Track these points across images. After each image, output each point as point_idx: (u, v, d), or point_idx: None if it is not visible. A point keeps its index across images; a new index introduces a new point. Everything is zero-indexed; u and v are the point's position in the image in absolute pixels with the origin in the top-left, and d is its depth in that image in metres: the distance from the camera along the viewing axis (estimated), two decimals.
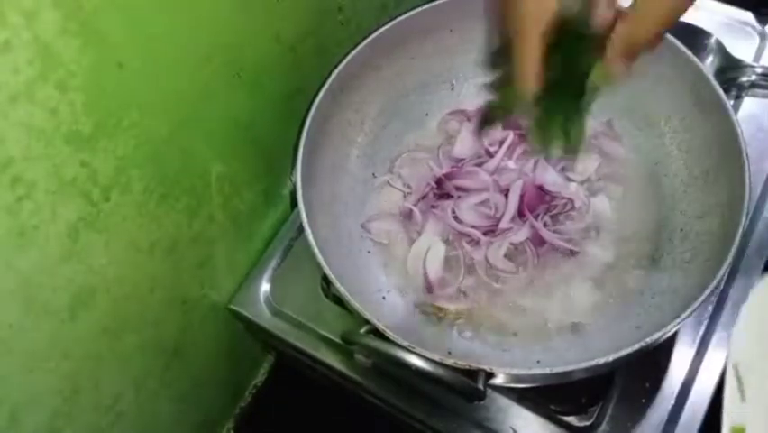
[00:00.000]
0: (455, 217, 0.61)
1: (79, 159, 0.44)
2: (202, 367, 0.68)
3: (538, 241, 0.60)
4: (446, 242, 0.62)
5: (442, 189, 0.64)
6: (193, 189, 0.56)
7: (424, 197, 0.64)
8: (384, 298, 0.59)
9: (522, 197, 0.61)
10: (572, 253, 0.60)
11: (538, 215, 0.61)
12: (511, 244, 0.60)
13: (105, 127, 0.45)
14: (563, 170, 0.63)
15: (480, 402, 0.57)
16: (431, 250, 0.61)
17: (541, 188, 0.61)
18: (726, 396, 0.33)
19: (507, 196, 0.61)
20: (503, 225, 0.60)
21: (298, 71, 0.63)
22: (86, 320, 0.49)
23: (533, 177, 0.62)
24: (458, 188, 0.63)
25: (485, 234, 0.61)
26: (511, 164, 0.64)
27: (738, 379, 0.35)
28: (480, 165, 0.64)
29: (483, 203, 0.62)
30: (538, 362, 0.54)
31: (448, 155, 0.66)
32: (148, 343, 0.58)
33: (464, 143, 0.66)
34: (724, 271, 0.48)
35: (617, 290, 0.59)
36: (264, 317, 0.65)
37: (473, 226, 0.61)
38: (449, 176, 0.63)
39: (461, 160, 0.65)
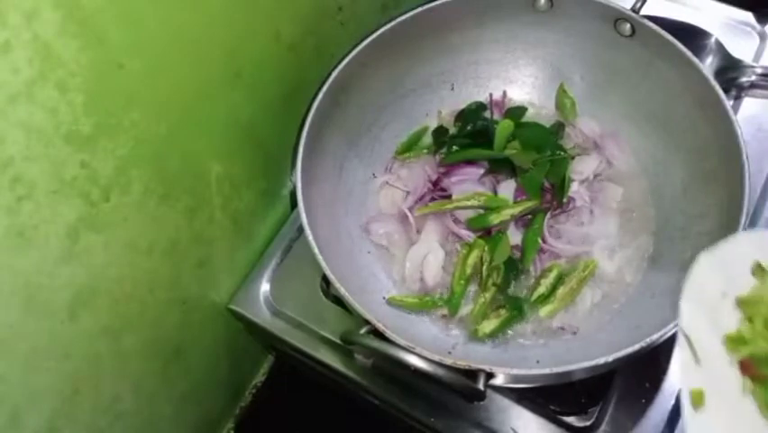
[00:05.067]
0: (454, 218, 0.61)
1: (79, 159, 0.44)
2: (202, 367, 0.68)
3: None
4: (446, 243, 0.62)
5: (440, 190, 0.64)
6: (193, 189, 0.56)
7: (422, 197, 0.64)
8: (384, 298, 0.59)
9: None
10: (572, 254, 0.60)
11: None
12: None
13: (105, 127, 0.45)
14: None
15: (480, 402, 0.57)
16: (429, 255, 0.61)
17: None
18: (681, 363, 0.37)
19: None
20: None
21: (298, 71, 0.63)
22: (86, 320, 0.49)
23: None
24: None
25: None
26: None
27: (690, 345, 0.38)
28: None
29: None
30: (538, 362, 0.54)
31: None
32: (148, 343, 0.58)
33: None
34: None
35: (617, 290, 0.58)
36: (264, 318, 0.65)
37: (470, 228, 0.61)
38: (445, 175, 0.64)
39: None
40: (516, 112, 0.66)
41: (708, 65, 0.68)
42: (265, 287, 0.66)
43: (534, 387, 0.57)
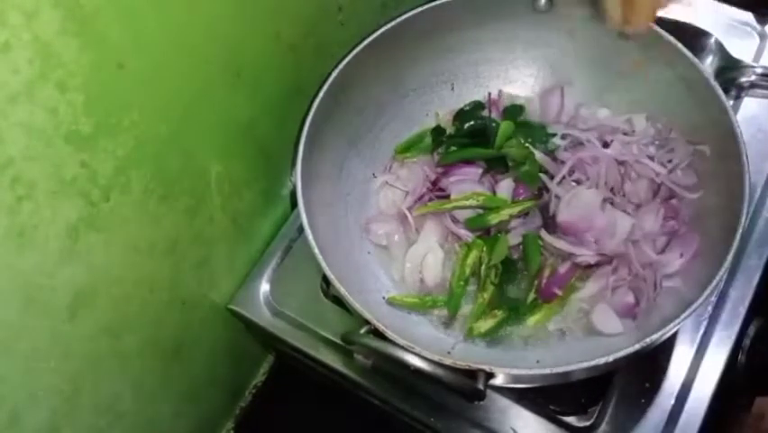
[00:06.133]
0: (453, 218, 0.61)
1: (79, 159, 0.44)
2: (202, 367, 0.68)
3: None
4: (445, 243, 0.62)
5: (439, 190, 0.63)
6: (193, 189, 0.56)
7: (421, 197, 0.64)
8: (384, 298, 0.59)
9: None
10: (572, 255, 0.60)
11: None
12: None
13: (105, 127, 0.45)
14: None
15: (479, 402, 0.57)
16: (429, 255, 0.61)
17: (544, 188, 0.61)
18: None
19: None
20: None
21: (298, 71, 0.63)
22: (86, 320, 0.49)
23: None
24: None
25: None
26: None
27: None
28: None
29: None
30: (538, 362, 0.54)
31: None
32: (148, 343, 0.58)
33: None
34: (724, 271, 0.48)
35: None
36: (264, 318, 0.65)
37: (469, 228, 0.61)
38: (444, 175, 0.64)
39: None
40: (514, 111, 0.66)
41: (708, 65, 0.68)
42: (265, 287, 0.66)
43: (534, 387, 0.57)
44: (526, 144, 0.63)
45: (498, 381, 0.48)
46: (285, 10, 0.58)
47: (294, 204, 0.70)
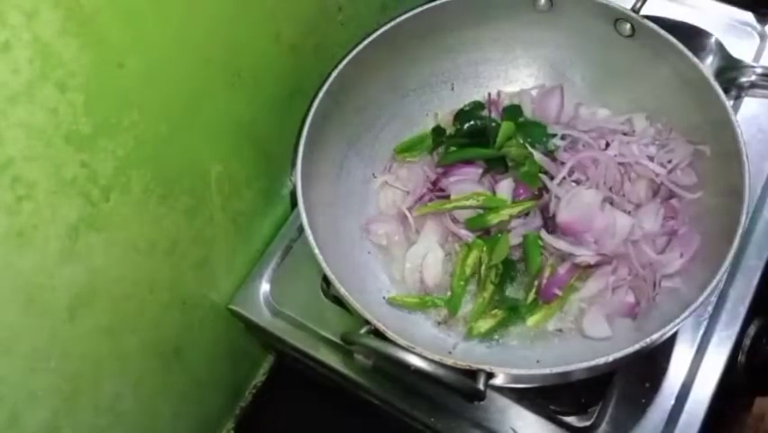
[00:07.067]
0: (453, 218, 0.61)
1: (79, 159, 0.44)
2: (202, 367, 0.68)
3: None
4: (445, 243, 0.62)
5: (439, 191, 0.63)
6: (193, 189, 0.56)
7: (421, 197, 0.64)
8: (384, 298, 0.59)
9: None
10: (572, 255, 0.60)
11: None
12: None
13: (105, 127, 0.45)
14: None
15: (479, 402, 0.57)
16: (429, 255, 0.60)
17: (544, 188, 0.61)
18: None
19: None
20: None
21: (298, 71, 0.63)
22: (86, 320, 0.49)
23: None
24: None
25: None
26: None
27: None
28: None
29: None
30: (538, 362, 0.54)
31: None
32: (148, 343, 0.58)
33: None
34: (724, 271, 0.48)
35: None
36: (264, 318, 0.65)
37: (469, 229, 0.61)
38: (444, 175, 0.64)
39: None
40: (514, 111, 0.66)
41: (708, 65, 0.68)
42: (265, 287, 0.66)
43: (534, 387, 0.57)
44: (526, 145, 0.63)
45: (498, 381, 0.48)
46: (285, 10, 0.58)
47: (294, 204, 0.70)
